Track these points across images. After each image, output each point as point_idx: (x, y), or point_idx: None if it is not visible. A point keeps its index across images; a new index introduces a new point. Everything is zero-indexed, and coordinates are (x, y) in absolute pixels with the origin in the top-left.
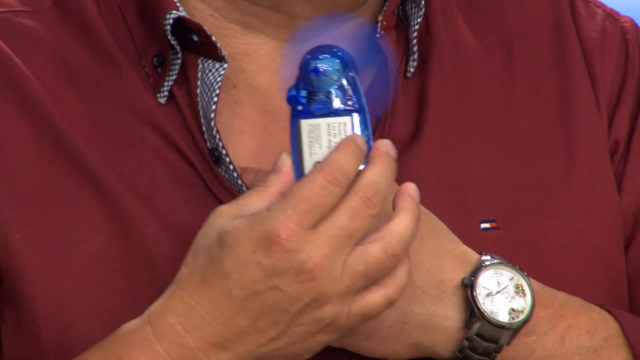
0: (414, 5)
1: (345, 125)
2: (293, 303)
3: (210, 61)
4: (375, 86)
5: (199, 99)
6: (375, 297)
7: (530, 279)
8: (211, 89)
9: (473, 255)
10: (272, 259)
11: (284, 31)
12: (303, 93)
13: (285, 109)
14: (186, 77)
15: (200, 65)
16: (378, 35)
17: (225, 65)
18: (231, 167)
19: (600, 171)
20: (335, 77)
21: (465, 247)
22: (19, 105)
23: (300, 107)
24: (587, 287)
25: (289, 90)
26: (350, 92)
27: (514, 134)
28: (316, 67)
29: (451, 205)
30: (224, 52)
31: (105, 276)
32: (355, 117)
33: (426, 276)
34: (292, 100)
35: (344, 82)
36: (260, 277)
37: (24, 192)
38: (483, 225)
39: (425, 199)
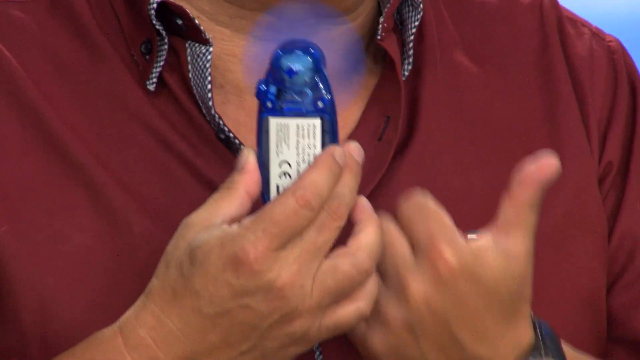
0: (411, 8)
1: (314, 127)
2: (263, 319)
3: (197, 45)
4: (383, 87)
5: (192, 83)
6: (346, 311)
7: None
8: (202, 75)
9: (525, 340)
10: (241, 279)
11: (272, 32)
12: (273, 89)
13: None
14: (178, 63)
15: (189, 50)
16: (379, 37)
17: (211, 49)
18: (242, 147)
19: (587, 191)
20: (307, 78)
21: (521, 332)
22: (6, 98)
23: (269, 104)
24: (570, 299)
25: (259, 84)
26: (321, 92)
27: (503, 147)
28: (288, 66)
29: None
30: (209, 35)
31: (90, 272)
32: (325, 119)
33: (466, 351)
34: (261, 94)
35: (315, 81)
36: (229, 296)
37: (10, 185)
38: (470, 236)
39: None
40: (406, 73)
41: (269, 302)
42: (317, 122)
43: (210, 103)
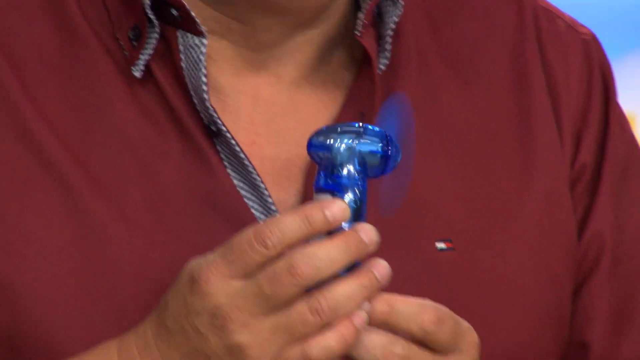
0: (390, 3)
1: None
2: (216, 353)
3: (190, 35)
4: (359, 83)
5: (185, 73)
6: (294, 354)
7: None
8: (196, 67)
9: None
10: (192, 296)
11: (245, 39)
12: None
13: (247, 110)
14: (168, 51)
15: (181, 39)
16: (358, 34)
17: (205, 41)
18: (233, 141)
19: (557, 195)
20: (336, 157)
21: None
22: None
23: (316, 180)
24: (538, 308)
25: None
26: (346, 170)
27: (474, 153)
28: (321, 144)
29: (408, 222)
30: (204, 27)
31: (61, 274)
32: (349, 196)
33: None
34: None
35: (337, 158)
36: (183, 312)
37: None
38: (439, 246)
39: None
40: (382, 67)
41: (213, 328)
42: (328, 197)
43: (205, 95)
